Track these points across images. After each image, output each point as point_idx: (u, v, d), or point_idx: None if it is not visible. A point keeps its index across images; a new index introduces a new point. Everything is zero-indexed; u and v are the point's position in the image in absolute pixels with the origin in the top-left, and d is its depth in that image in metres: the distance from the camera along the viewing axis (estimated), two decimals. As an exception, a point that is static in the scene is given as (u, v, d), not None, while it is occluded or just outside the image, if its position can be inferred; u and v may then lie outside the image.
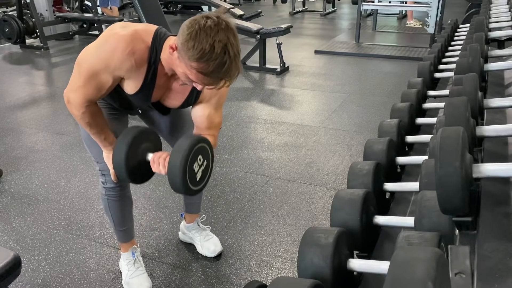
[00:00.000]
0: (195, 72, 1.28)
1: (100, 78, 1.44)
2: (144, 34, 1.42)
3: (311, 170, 2.92)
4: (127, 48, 1.38)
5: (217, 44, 1.22)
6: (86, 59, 1.46)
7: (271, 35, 5.21)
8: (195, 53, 1.23)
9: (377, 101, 4.23)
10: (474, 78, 1.85)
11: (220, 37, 1.23)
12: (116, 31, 1.41)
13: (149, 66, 1.44)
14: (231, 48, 1.25)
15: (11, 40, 6.53)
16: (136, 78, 1.46)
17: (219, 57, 1.23)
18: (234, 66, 1.28)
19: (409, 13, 8.11)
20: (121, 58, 1.39)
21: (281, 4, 11.45)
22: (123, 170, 1.46)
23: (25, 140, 3.43)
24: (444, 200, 1.12)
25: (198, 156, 1.42)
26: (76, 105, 1.51)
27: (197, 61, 1.24)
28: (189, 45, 1.23)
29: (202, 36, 1.22)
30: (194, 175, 1.41)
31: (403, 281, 0.78)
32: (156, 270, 2.01)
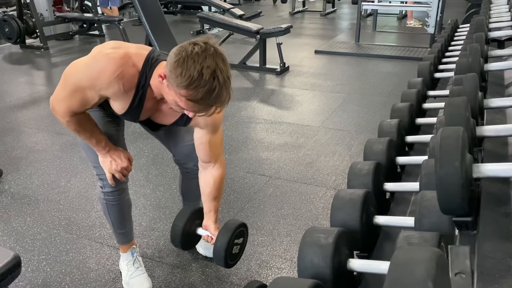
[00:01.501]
0: (184, 100, 1.26)
1: (85, 94, 1.43)
2: (136, 58, 1.41)
3: (311, 170, 2.92)
4: (116, 71, 1.36)
5: (205, 71, 1.20)
6: (73, 74, 1.45)
7: (271, 35, 5.21)
8: (183, 80, 1.21)
9: (377, 101, 4.23)
10: (474, 78, 1.85)
11: (208, 63, 1.21)
12: (107, 52, 1.39)
13: (137, 91, 1.43)
14: (220, 73, 1.23)
15: (11, 40, 6.53)
16: (123, 100, 1.45)
17: (208, 83, 1.22)
18: (224, 92, 1.27)
19: (409, 13, 8.11)
20: (108, 80, 1.37)
21: (281, 4, 11.45)
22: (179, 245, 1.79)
23: (25, 140, 3.43)
24: (444, 200, 1.12)
25: (239, 239, 1.73)
26: (61, 113, 1.51)
27: (185, 88, 1.22)
28: (177, 72, 1.21)
29: (190, 63, 1.20)
30: (231, 253, 1.69)
31: (403, 281, 0.78)
32: (156, 270, 2.01)
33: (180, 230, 1.74)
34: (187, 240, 1.79)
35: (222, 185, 1.73)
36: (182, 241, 1.76)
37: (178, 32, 6.77)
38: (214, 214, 1.74)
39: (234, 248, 1.70)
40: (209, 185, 1.70)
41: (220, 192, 1.75)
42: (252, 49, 5.32)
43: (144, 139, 3.33)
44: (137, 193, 2.64)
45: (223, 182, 1.74)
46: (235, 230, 1.68)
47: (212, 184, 1.70)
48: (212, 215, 1.74)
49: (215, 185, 1.70)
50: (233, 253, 1.71)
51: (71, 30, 7.42)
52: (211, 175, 1.69)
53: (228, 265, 1.71)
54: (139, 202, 2.55)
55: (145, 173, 2.90)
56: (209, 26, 7.56)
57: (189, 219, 1.76)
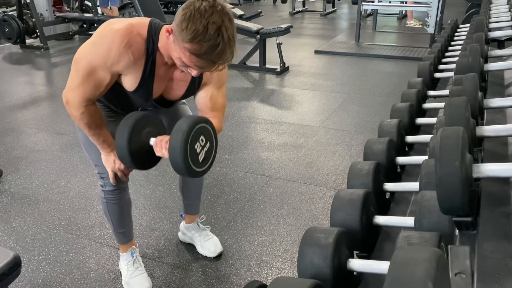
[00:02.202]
0: (188, 54, 1.28)
1: (98, 75, 1.43)
2: (139, 27, 1.43)
3: (311, 170, 2.92)
4: (123, 41, 1.38)
5: (210, 26, 1.22)
6: (83, 56, 1.46)
7: (271, 35, 5.21)
8: (188, 33, 1.23)
9: (377, 101, 4.23)
10: (474, 78, 1.85)
11: (214, 19, 1.23)
12: (111, 27, 1.41)
13: (147, 58, 1.44)
14: (225, 30, 1.25)
15: (11, 40, 6.53)
16: (134, 72, 1.45)
17: (213, 38, 1.24)
18: (227, 49, 1.28)
19: (409, 13, 8.11)
20: (118, 52, 1.38)
21: (281, 4, 11.46)
22: (126, 155, 1.44)
23: (25, 140, 3.43)
24: (444, 200, 1.12)
25: (200, 137, 1.39)
26: (75, 104, 1.50)
27: (190, 42, 1.24)
28: (183, 26, 1.24)
29: (196, 17, 1.22)
30: (196, 156, 1.38)
31: (403, 281, 0.78)
32: (156, 270, 2.01)
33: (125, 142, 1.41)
34: (138, 154, 1.46)
35: None
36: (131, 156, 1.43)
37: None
38: None
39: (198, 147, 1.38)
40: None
41: None
42: (252, 49, 5.32)
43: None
44: (137, 193, 2.64)
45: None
46: (194, 124, 1.36)
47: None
48: None
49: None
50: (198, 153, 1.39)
51: (71, 30, 7.42)
52: None
53: (193, 172, 1.39)
54: (139, 202, 2.55)
55: (145, 173, 2.90)
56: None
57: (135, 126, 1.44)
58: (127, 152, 1.43)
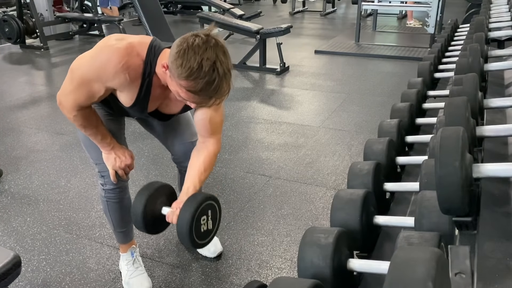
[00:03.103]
0: (185, 91, 1.28)
1: (91, 87, 1.44)
2: (139, 48, 1.42)
3: (311, 170, 2.92)
4: (121, 61, 1.37)
5: (205, 62, 1.22)
6: (79, 67, 1.46)
7: (271, 35, 5.21)
8: (183, 71, 1.23)
9: (377, 101, 4.23)
10: (474, 78, 1.85)
11: (208, 55, 1.22)
12: (111, 43, 1.41)
13: (143, 80, 1.44)
14: (220, 66, 1.24)
15: (11, 40, 6.53)
16: (130, 91, 1.46)
17: (208, 75, 1.23)
18: (224, 84, 1.27)
19: (409, 13, 8.11)
20: (114, 71, 1.38)
21: (281, 4, 11.46)
22: (141, 225, 1.55)
23: (25, 140, 3.43)
24: (444, 200, 1.12)
25: (207, 213, 1.51)
26: (68, 108, 1.51)
27: (185, 79, 1.24)
28: (177, 63, 1.23)
29: (190, 54, 1.22)
30: (200, 233, 1.50)
31: (403, 281, 0.78)
32: (156, 270, 2.01)
33: (141, 210, 1.52)
34: (151, 222, 1.57)
35: (213, 162, 1.63)
36: (145, 223, 1.54)
37: (178, 32, 6.75)
38: (193, 192, 1.55)
39: (203, 223, 1.50)
40: (201, 156, 1.61)
41: (209, 168, 1.61)
42: (252, 49, 5.32)
43: (144, 139, 3.33)
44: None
45: (215, 160, 1.65)
46: (201, 202, 1.48)
47: (205, 156, 1.61)
48: (190, 191, 1.54)
49: (207, 158, 1.61)
50: (202, 230, 1.50)
51: (71, 30, 7.42)
52: (206, 148, 1.62)
53: (196, 244, 1.51)
54: (139, 202, 2.55)
55: (145, 173, 2.90)
56: (209, 26, 7.54)
57: (150, 197, 1.55)
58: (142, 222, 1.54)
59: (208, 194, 1.53)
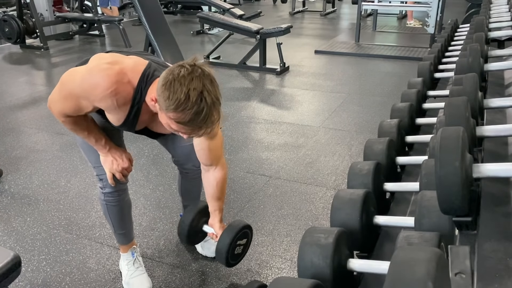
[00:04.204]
0: (175, 123, 1.27)
1: (79, 102, 1.45)
2: (131, 75, 1.40)
3: (311, 170, 2.92)
4: (109, 88, 1.36)
5: (192, 93, 1.20)
6: (68, 82, 1.46)
7: (271, 35, 5.21)
8: (171, 103, 1.21)
9: (377, 101, 4.23)
10: (474, 78, 1.85)
11: (194, 85, 1.21)
12: (103, 67, 1.38)
13: (132, 106, 1.43)
14: (207, 95, 1.22)
15: (11, 40, 6.52)
16: (117, 114, 1.46)
17: (196, 105, 1.21)
18: (213, 113, 1.26)
19: (409, 13, 8.11)
20: (102, 95, 1.37)
21: (281, 4, 11.45)
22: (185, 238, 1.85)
23: (25, 140, 3.43)
24: (444, 200, 1.12)
25: (243, 239, 1.78)
26: (56, 113, 1.54)
27: (174, 111, 1.23)
28: (164, 96, 1.22)
29: (177, 86, 1.20)
30: (234, 254, 1.75)
31: (403, 281, 0.78)
32: (156, 270, 2.01)
33: (187, 225, 1.80)
34: (193, 235, 1.85)
35: (224, 186, 1.74)
36: (188, 236, 1.82)
37: (178, 32, 6.78)
38: (219, 213, 1.77)
39: (237, 248, 1.74)
40: (212, 186, 1.71)
41: (223, 193, 1.75)
42: (252, 49, 5.31)
43: (144, 139, 3.33)
44: (137, 193, 2.64)
45: (226, 183, 1.74)
46: (239, 230, 1.73)
47: (215, 186, 1.70)
48: (217, 214, 1.77)
49: (218, 187, 1.70)
50: (236, 253, 1.75)
51: (71, 30, 7.42)
52: (213, 177, 1.69)
53: (229, 264, 1.76)
54: (139, 202, 2.55)
55: (145, 173, 2.90)
56: (209, 26, 7.56)
57: (196, 215, 1.82)
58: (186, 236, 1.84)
59: (243, 224, 1.78)
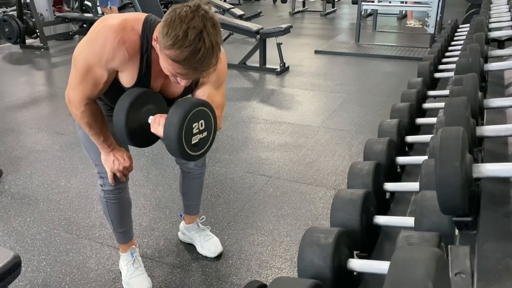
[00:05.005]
0: (170, 62, 1.25)
1: (95, 73, 1.43)
2: (134, 23, 1.40)
3: (311, 170, 2.92)
4: (116, 37, 1.36)
5: (191, 31, 1.19)
6: (80, 53, 1.46)
7: (271, 35, 5.21)
8: (168, 39, 1.20)
9: (377, 101, 4.23)
10: (474, 78, 1.85)
11: (195, 24, 1.19)
12: (104, 23, 1.40)
13: (142, 55, 1.42)
14: (207, 36, 1.20)
15: (11, 40, 6.53)
16: (131, 69, 1.44)
17: (193, 44, 1.19)
18: (209, 55, 1.23)
19: (409, 13, 8.11)
20: (112, 48, 1.37)
21: (281, 4, 11.45)
22: (123, 131, 1.42)
23: (25, 140, 3.43)
24: (444, 200, 1.12)
25: (200, 121, 1.35)
26: (76, 103, 1.51)
27: (170, 48, 1.21)
28: (163, 32, 1.21)
29: (177, 23, 1.19)
30: (191, 137, 1.34)
31: (403, 281, 0.78)
32: (156, 270, 2.01)
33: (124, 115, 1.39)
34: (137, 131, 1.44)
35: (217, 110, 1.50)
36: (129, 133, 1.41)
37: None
38: None
39: (194, 132, 1.35)
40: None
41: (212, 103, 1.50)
42: (252, 49, 5.31)
43: (144, 139, 3.33)
44: (137, 193, 2.64)
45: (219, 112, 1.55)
46: (193, 106, 1.34)
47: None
48: None
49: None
50: (194, 141, 1.35)
51: (71, 30, 7.42)
52: None
53: (188, 155, 1.36)
54: (139, 202, 2.55)
55: (145, 173, 2.90)
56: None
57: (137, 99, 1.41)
58: (125, 128, 1.41)
59: (197, 99, 1.41)
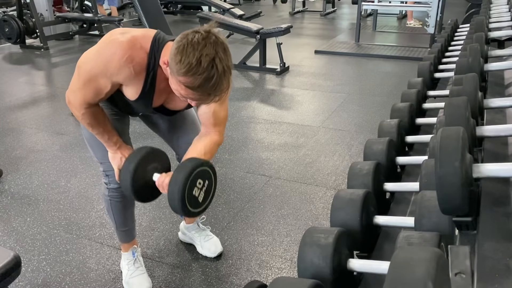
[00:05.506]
0: (184, 87, 1.27)
1: (98, 83, 1.44)
2: (143, 40, 1.42)
3: (311, 170, 2.92)
4: (125, 55, 1.38)
5: (204, 58, 1.21)
6: (85, 62, 1.47)
7: (271, 35, 5.21)
8: (182, 67, 1.22)
9: (377, 101, 4.23)
10: (474, 78, 1.85)
11: (207, 51, 1.21)
12: (114, 37, 1.41)
13: (148, 73, 1.44)
14: (219, 62, 1.23)
15: (11, 40, 6.52)
16: (135, 84, 1.46)
17: (206, 71, 1.22)
18: (223, 81, 1.26)
19: (409, 13, 8.11)
20: (119, 64, 1.39)
21: (281, 4, 11.45)
22: (129, 189, 1.51)
23: (25, 140, 3.43)
24: (444, 200, 1.12)
25: (201, 180, 1.45)
26: (76, 106, 1.52)
27: (184, 75, 1.23)
28: (176, 59, 1.23)
29: (189, 50, 1.21)
30: (192, 198, 1.44)
31: (403, 281, 0.78)
32: (156, 270, 2.01)
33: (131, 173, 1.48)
34: (142, 188, 1.53)
35: (214, 149, 1.60)
36: (135, 189, 1.50)
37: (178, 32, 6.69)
38: None
39: (196, 190, 1.44)
40: (203, 142, 1.60)
41: (209, 154, 1.58)
42: (252, 49, 5.32)
43: (144, 139, 3.33)
44: (137, 193, 2.64)
45: (216, 149, 1.62)
46: (196, 166, 1.42)
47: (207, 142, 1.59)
48: None
49: (208, 144, 1.59)
50: (196, 197, 1.44)
51: (71, 30, 7.41)
52: (208, 136, 1.61)
53: (189, 212, 1.45)
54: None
55: (145, 173, 2.90)
56: (209, 26, 7.55)
57: (144, 159, 1.51)
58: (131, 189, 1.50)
59: (200, 159, 1.46)
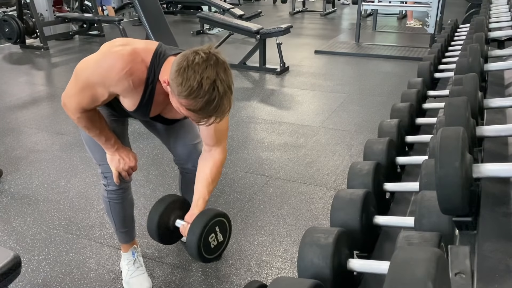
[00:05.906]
0: (185, 109, 1.27)
1: (95, 91, 1.44)
2: (144, 54, 1.41)
3: (311, 170, 2.92)
4: (124, 68, 1.37)
5: (205, 81, 1.20)
6: (83, 70, 1.46)
7: (271, 35, 5.21)
8: (183, 90, 1.22)
9: (377, 101, 4.23)
10: (474, 78, 1.85)
11: (208, 74, 1.21)
12: (116, 49, 1.40)
13: (146, 86, 1.44)
14: (220, 84, 1.22)
15: (11, 40, 6.52)
16: (133, 96, 1.46)
17: (208, 94, 1.22)
18: (224, 102, 1.26)
19: (409, 13, 8.12)
20: (118, 77, 1.38)
21: (281, 4, 11.46)
22: (156, 236, 1.66)
23: (25, 140, 3.43)
24: (444, 200, 1.12)
25: (217, 229, 1.59)
26: (72, 110, 1.52)
27: (185, 98, 1.23)
28: (177, 81, 1.23)
29: (190, 73, 1.21)
30: (209, 248, 1.57)
31: (403, 281, 0.78)
32: (156, 270, 2.01)
33: (156, 221, 1.62)
34: (166, 234, 1.67)
35: (219, 171, 1.66)
36: (159, 234, 1.64)
37: (178, 32, 6.77)
38: (203, 204, 1.62)
39: (211, 238, 1.56)
40: (208, 167, 1.64)
41: (216, 178, 1.66)
42: (252, 49, 5.32)
43: (144, 139, 3.33)
44: (137, 193, 2.64)
45: (221, 169, 1.67)
46: (212, 218, 1.54)
47: (212, 166, 1.63)
48: (200, 203, 1.61)
49: (214, 168, 1.63)
50: (211, 245, 1.57)
51: (71, 30, 7.42)
52: (212, 157, 1.64)
53: (205, 259, 1.57)
54: (139, 202, 2.55)
55: (145, 173, 2.90)
56: (209, 26, 7.56)
57: (167, 210, 1.64)
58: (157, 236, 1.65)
59: (216, 211, 1.59)
